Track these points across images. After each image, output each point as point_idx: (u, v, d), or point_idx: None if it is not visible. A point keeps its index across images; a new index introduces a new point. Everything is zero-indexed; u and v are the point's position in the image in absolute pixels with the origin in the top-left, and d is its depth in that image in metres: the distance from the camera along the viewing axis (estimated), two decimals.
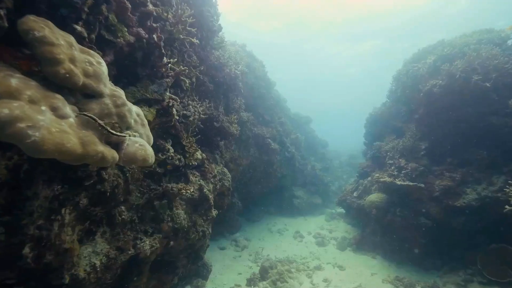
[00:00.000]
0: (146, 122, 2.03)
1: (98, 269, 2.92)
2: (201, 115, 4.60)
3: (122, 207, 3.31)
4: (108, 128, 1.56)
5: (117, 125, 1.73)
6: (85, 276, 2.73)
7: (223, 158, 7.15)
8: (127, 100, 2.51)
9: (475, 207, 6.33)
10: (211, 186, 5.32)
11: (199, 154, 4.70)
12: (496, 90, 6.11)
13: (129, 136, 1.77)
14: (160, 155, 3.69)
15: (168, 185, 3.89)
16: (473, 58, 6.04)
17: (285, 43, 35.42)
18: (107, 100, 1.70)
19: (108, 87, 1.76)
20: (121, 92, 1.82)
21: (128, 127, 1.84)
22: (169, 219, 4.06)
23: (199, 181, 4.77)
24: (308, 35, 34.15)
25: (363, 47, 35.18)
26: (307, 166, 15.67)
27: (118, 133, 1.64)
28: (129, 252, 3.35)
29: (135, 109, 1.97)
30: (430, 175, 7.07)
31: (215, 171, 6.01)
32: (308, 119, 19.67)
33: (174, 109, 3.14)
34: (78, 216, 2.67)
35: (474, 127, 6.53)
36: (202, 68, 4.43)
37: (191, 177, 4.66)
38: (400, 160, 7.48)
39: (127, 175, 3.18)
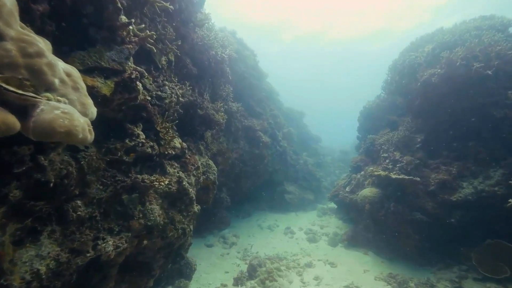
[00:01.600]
0: (82, 86, 1.51)
1: (44, 277, 2.39)
2: (180, 99, 4.06)
3: (78, 202, 2.77)
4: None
5: (27, 83, 1.21)
6: (23, 285, 2.20)
7: (209, 149, 6.64)
8: (73, 65, 1.96)
9: (471, 202, 6.07)
10: (193, 179, 4.82)
11: (177, 143, 4.18)
12: (497, 80, 5.81)
13: (48, 100, 1.25)
14: (127, 141, 3.16)
15: (139, 176, 3.37)
16: (475, 44, 5.71)
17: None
18: (9, 45, 1.17)
19: (14, 28, 1.23)
20: (37, 39, 1.29)
21: (50, 89, 1.32)
22: (141, 215, 3.54)
23: (178, 173, 4.25)
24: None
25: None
26: (299, 161, 15.33)
27: (21, 92, 1.12)
28: (88, 255, 2.83)
29: (62, 66, 1.44)
30: (425, 169, 6.78)
31: (199, 163, 5.50)
32: (301, 114, 19.29)
33: (139, 84, 2.61)
34: (11, 213, 2.13)
35: (472, 118, 6.24)
36: (180, 44, 3.88)
37: (169, 168, 4.14)
38: (395, 153, 7.17)
39: (82, 162, 2.64)
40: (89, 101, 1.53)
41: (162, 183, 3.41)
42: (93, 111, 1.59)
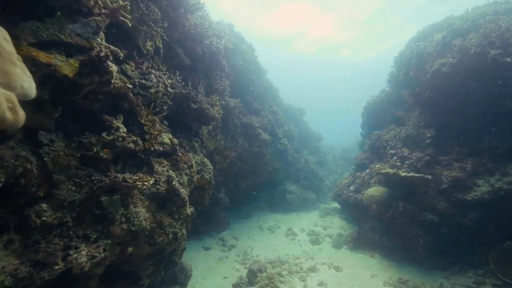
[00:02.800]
0: (8, 50, 1.09)
1: None
2: (169, 89, 3.64)
3: (43, 205, 2.35)
4: None
5: None
6: None
7: (205, 147, 6.22)
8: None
9: (488, 201, 5.62)
10: (185, 178, 4.40)
11: (166, 138, 3.76)
12: None
13: None
14: (104, 134, 2.74)
15: (119, 175, 2.95)
16: (491, 30, 5.26)
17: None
18: None
19: None
20: None
21: None
22: (123, 219, 3.12)
23: (167, 171, 3.84)
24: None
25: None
26: (300, 160, 14.89)
27: None
28: (56, 267, 2.41)
29: None
30: (437, 166, 6.34)
31: (193, 161, 5.08)
32: (302, 111, 18.85)
33: (112, 66, 2.19)
34: None
35: (487, 111, 5.81)
36: (166, 26, 3.46)
37: (157, 167, 3.72)
38: (403, 149, 6.73)
39: (45, 159, 2.22)
40: (18, 71, 1.11)
41: (147, 183, 2.99)
42: (28, 85, 1.17)
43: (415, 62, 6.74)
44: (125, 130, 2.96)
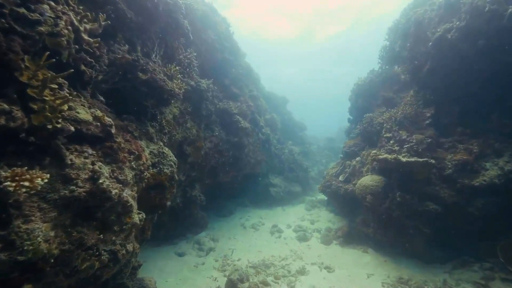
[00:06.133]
0: None
1: None
2: (83, 35, 2.35)
3: None
4: None
5: None
6: None
7: (166, 134, 4.94)
8: None
9: (497, 186, 4.92)
10: (128, 173, 3.15)
11: (84, 113, 2.49)
12: None
13: None
14: None
15: None
16: None
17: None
18: None
19: None
20: None
21: None
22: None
23: (92, 164, 2.57)
24: None
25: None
26: (284, 151, 13.96)
27: None
28: None
29: None
30: (438, 149, 5.58)
31: (145, 151, 3.82)
32: (285, 100, 17.86)
33: None
34: None
35: (496, 85, 5.07)
36: None
37: (73, 157, 2.45)
38: (401, 132, 5.93)
39: None
40: None
41: (32, 183, 1.73)
42: None
43: (413, 31, 5.88)
44: None
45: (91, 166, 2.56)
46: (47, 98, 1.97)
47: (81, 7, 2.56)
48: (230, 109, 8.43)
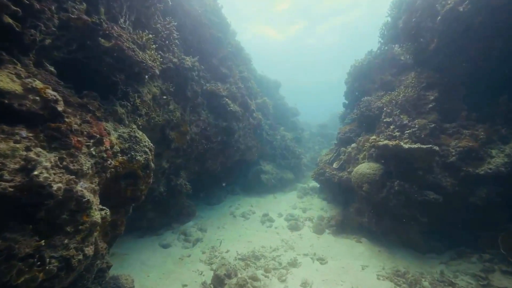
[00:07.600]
0: None
1: None
2: None
3: None
4: None
5: None
6: None
7: (142, 116, 4.28)
8: None
9: (503, 174, 4.61)
10: (85, 162, 2.55)
11: (8, 81, 1.84)
12: None
13: None
14: None
15: None
16: None
17: None
18: None
19: None
20: None
21: None
22: None
23: (25, 150, 1.95)
24: None
25: None
26: (276, 137, 13.47)
27: None
28: None
29: None
30: (442, 135, 5.19)
31: (112, 135, 3.20)
32: (277, 84, 17.13)
33: None
34: None
35: (508, 66, 4.62)
36: None
37: None
38: (402, 116, 5.49)
39: None
40: None
41: None
42: None
43: (420, 4, 5.29)
44: None
45: (23, 153, 1.94)
46: None
47: None
48: (218, 91, 7.74)
